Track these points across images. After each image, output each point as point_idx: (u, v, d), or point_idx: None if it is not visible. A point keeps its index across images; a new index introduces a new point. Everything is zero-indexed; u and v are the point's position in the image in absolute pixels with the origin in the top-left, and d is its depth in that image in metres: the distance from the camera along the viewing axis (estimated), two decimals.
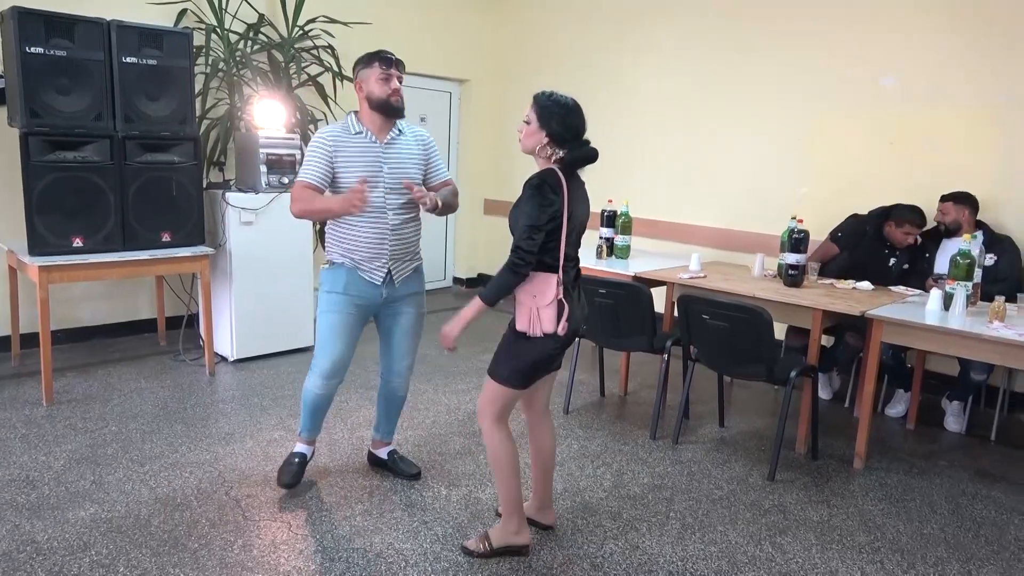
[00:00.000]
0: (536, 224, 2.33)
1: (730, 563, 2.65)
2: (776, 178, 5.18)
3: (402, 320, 2.99)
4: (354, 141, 2.79)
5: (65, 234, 3.86)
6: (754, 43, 5.20)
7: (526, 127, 2.43)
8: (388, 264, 2.85)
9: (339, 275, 2.84)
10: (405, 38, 6.30)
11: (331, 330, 2.86)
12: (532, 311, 2.42)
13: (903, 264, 4.25)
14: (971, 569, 2.69)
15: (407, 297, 2.97)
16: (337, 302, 2.84)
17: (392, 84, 2.78)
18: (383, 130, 2.84)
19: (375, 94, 2.77)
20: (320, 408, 3.01)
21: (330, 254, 2.88)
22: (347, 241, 2.82)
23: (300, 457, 3.07)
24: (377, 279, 2.85)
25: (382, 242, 2.81)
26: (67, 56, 3.77)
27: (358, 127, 2.82)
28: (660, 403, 3.80)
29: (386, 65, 2.78)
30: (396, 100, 2.79)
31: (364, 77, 2.80)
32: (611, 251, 4.60)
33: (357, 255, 2.81)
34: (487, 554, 2.59)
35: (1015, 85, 4.19)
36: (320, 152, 2.75)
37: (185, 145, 4.24)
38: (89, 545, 2.57)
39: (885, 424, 4.14)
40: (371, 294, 2.86)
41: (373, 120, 2.82)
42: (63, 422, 3.61)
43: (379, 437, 3.24)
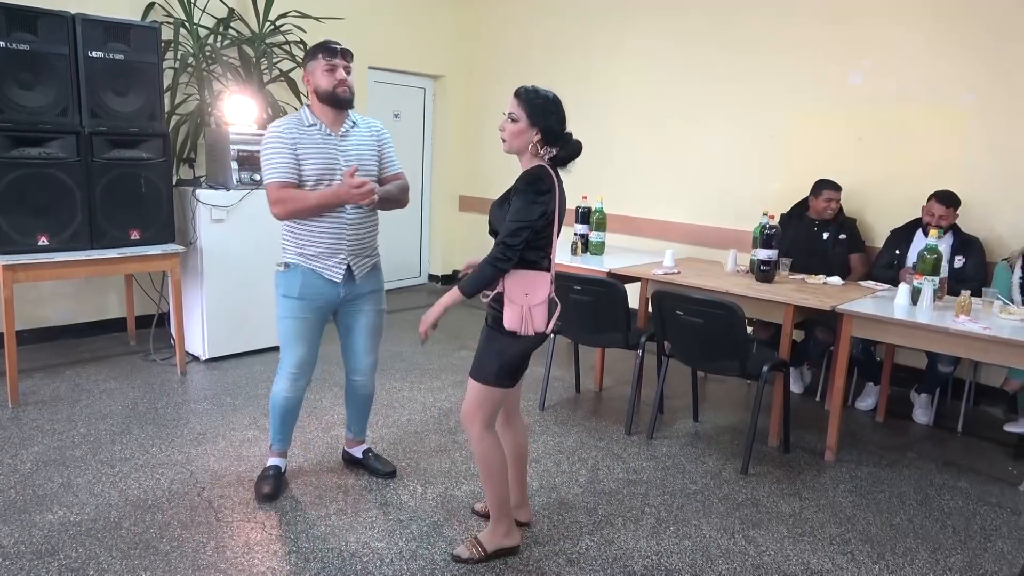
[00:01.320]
0: (527, 222, 2.28)
1: (704, 556, 2.67)
2: (748, 174, 5.23)
3: (362, 318, 2.95)
4: (309, 134, 2.73)
5: (30, 232, 3.77)
6: (725, 40, 5.24)
7: (512, 125, 2.34)
8: (347, 259, 2.80)
9: (294, 278, 2.77)
10: (378, 33, 6.27)
11: (291, 334, 2.81)
12: (524, 310, 2.36)
13: (839, 235, 4.41)
14: (939, 558, 2.74)
15: (367, 295, 2.93)
16: (294, 307, 2.78)
17: (338, 75, 2.72)
18: (336, 122, 2.79)
19: (322, 86, 2.72)
20: (290, 412, 2.95)
21: (285, 254, 2.81)
22: (303, 237, 2.75)
23: (275, 470, 3.01)
24: (336, 276, 2.79)
25: (340, 237, 2.77)
26: (30, 50, 3.68)
27: (312, 119, 2.76)
28: (635, 399, 3.83)
29: (330, 56, 2.72)
30: (343, 91, 2.74)
31: (310, 70, 2.75)
32: (586, 247, 4.62)
33: (314, 251, 2.75)
34: (482, 559, 2.55)
35: (980, 85, 4.27)
36: (282, 146, 2.68)
37: (154, 141, 4.17)
38: (57, 549, 2.53)
39: (855, 417, 4.21)
40: (329, 293, 2.81)
41: (325, 113, 2.77)
42: (30, 424, 3.54)
43: (352, 436, 3.22)
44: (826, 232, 4.43)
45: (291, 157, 2.68)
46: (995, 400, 4.30)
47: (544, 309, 2.39)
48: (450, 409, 3.97)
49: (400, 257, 7.04)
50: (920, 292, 3.40)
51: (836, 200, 4.40)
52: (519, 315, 2.36)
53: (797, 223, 4.53)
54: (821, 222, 4.45)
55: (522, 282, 2.36)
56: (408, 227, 7.10)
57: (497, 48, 6.76)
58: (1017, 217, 4.18)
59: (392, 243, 6.89)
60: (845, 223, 4.47)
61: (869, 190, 4.61)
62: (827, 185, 4.41)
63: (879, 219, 4.59)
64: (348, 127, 2.83)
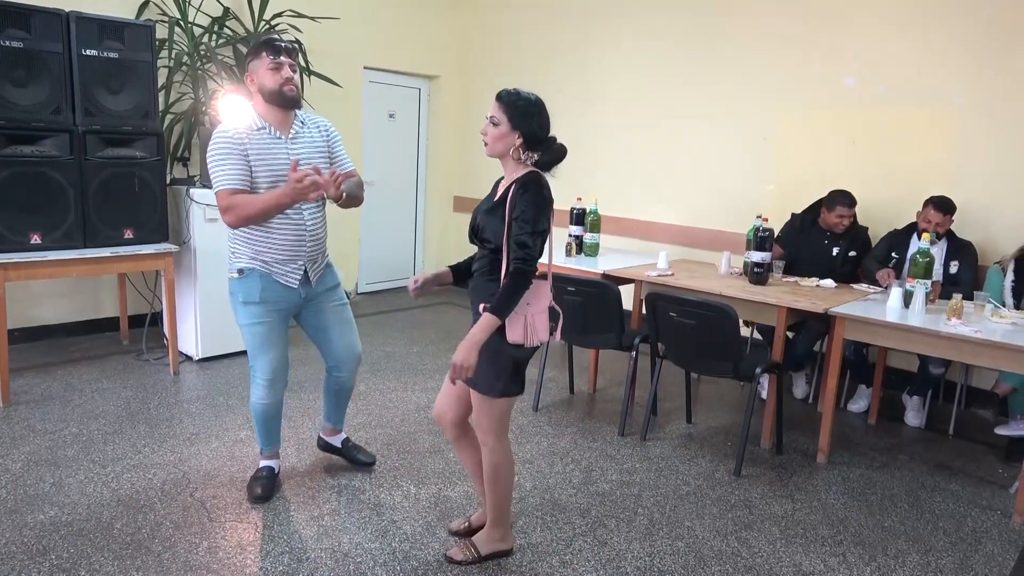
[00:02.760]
0: (540, 227, 2.24)
1: (697, 558, 2.68)
2: (741, 176, 5.24)
3: (328, 315, 2.92)
4: (259, 137, 2.64)
5: (23, 230, 3.76)
6: (719, 41, 5.26)
7: (494, 129, 2.30)
8: (304, 265, 2.77)
9: (252, 283, 2.71)
10: (373, 34, 6.26)
11: (260, 340, 2.76)
12: (528, 319, 2.30)
13: (848, 251, 4.34)
14: (930, 560, 2.75)
15: (325, 292, 2.90)
16: (257, 312, 2.73)
17: (283, 73, 2.63)
18: (284, 124, 2.71)
19: (267, 85, 2.63)
20: (272, 417, 2.92)
21: (237, 260, 2.73)
22: (259, 243, 2.68)
23: (268, 471, 3.00)
24: (293, 282, 2.75)
25: (300, 243, 2.72)
26: (24, 47, 3.67)
27: (260, 122, 2.67)
28: (628, 400, 3.83)
29: (274, 53, 2.62)
30: (289, 90, 2.65)
31: (253, 68, 2.65)
32: (580, 249, 4.62)
33: (271, 257, 2.70)
34: (475, 561, 2.55)
35: (972, 87, 4.30)
36: (233, 152, 2.58)
37: (148, 140, 4.16)
38: (49, 549, 2.52)
39: (847, 419, 4.23)
40: (288, 297, 2.78)
41: (272, 113, 2.67)
42: (21, 423, 3.52)
43: (331, 425, 3.21)
44: (836, 247, 4.32)
45: (243, 163, 2.59)
46: (986, 403, 4.32)
47: (546, 317, 2.36)
48: None
49: (394, 257, 7.03)
50: (912, 295, 3.42)
51: (848, 217, 4.26)
52: (523, 325, 2.30)
53: (809, 231, 4.40)
54: (832, 235, 4.34)
55: None
56: (402, 227, 7.10)
57: (492, 49, 6.76)
58: (1010, 220, 4.21)
59: (386, 243, 6.90)
60: (857, 236, 4.34)
61: (863, 192, 4.62)
62: (841, 200, 4.24)
63: (873, 222, 4.60)
64: (297, 128, 2.75)
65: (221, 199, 2.59)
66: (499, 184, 2.45)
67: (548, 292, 2.39)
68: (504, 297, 2.22)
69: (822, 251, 4.36)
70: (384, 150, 6.69)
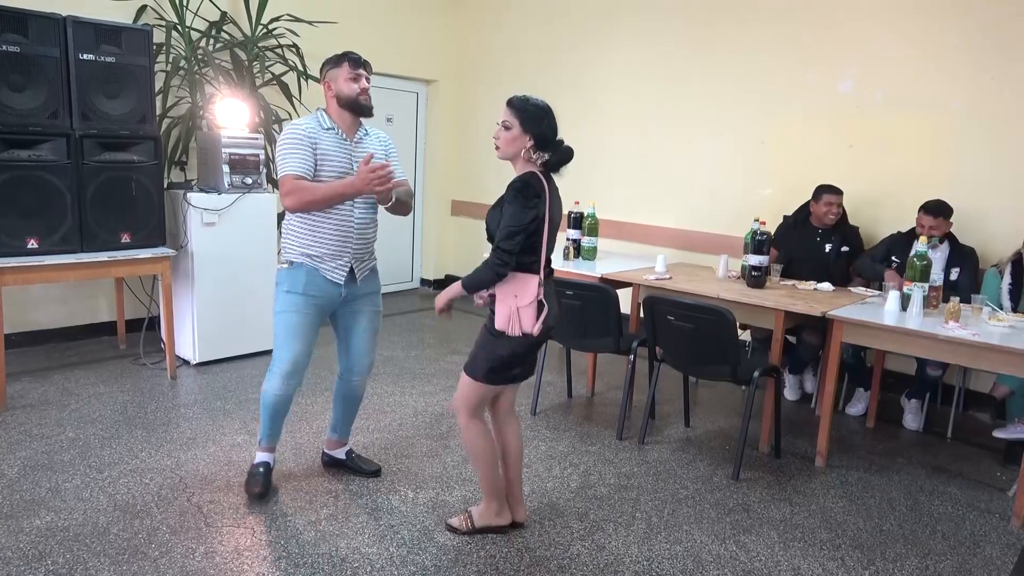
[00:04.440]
0: (519, 226, 2.38)
1: (695, 562, 2.67)
2: (739, 180, 5.25)
3: (361, 319, 2.99)
4: (327, 136, 2.80)
5: (20, 235, 3.75)
6: (716, 46, 5.27)
7: (506, 133, 2.45)
8: (351, 262, 2.85)
9: (298, 275, 2.81)
10: (371, 38, 6.26)
11: (290, 330, 2.83)
12: (512, 310, 2.46)
13: (841, 247, 4.36)
14: (928, 564, 2.75)
15: (366, 296, 2.98)
16: (296, 302, 2.81)
17: (361, 83, 2.82)
18: (352, 128, 2.88)
19: (344, 93, 2.81)
20: (280, 411, 2.96)
21: (288, 253, 2.85)
22: (309, 238, 2.79)
23: (264, 466, 3.01)
24: (339, 278, 2.84)
25: (347, 240, 2.82)
26: (20, 52, 3.67)
27: (329, 123, 2.83)
28: (626, 404, 3.83)
29: (355, 65, 2.82)
30: (365, 99, 2.84)
31: (333, 76, 2.83)
32: (578, 252, 4.63)
33: (319, 252, 2.79)
34: (469, 531, 2.73)
35: (969, 93, 4.30)
36: (302, 142, 2.73)
37: (145, 144, 4.15)
38: (45, 555, 2.50)
39: (845, 423, 4.22)
40: (331, 293, 2.85)
41: (343, 118, 2.85)
42: (17, 428, 3.51)
43: (337, 437, 3.22)
44: (828, 244, 4.37)
45: (310, 154, 2.74)
46: (984, 406, 4.32)
47: (532, 311, 2.48)
48: (441, 413, 3.96)
49: (392, 261, 7.02)
50: (910, 298, 3.42)
51: (836, 204, 4.32)
52: (507, 316, 2.47)
53: (800, 230, 4.47)
54: (824, 232, 4.39)
55: (512, 284, 2.47)
56: (400, 231, 7.09)
57: (489, 53, 6.77)
58: (1007, 224, 4.21)
59: (384, 247, 6.83)
60: (848, 233, 4.40)
61: (861, 196, 4.63)
62: (826, 189, 4.35)
63: (871, 225, 4.61)
64: (361, 134, 2.92)
65: (286, 183, 2.70)
66: None
67: (536, 288, 2.48)
68: (474, 274, 2.47)
69: (814, 248, 4.40)
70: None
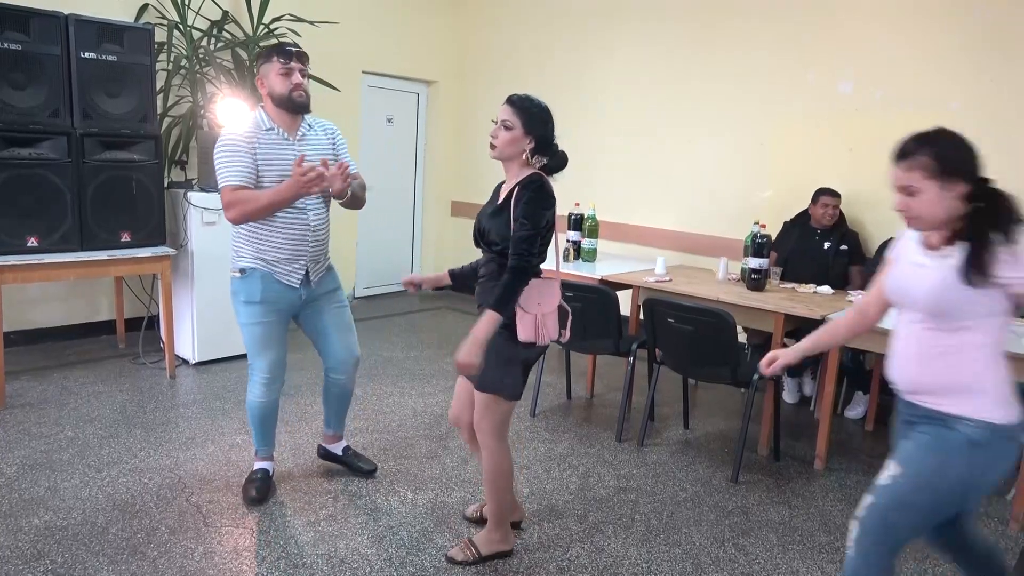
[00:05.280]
0: (538, 229, 2.30)
1: (694, 565, 2.67)
2: (738, 182, 5.25)
3: (327, 316, 2.93)
4: (268, 138, 2.68)
5: (19, 233, 3.75)
6: (715, 47, 5.27)
7: (505, 132, 2.35)
8: (306, 265, 2.79)
9: (254, 283, 2.73)
10: (372, 39, 6.27)
11: (259, 340, 2.79)
12: (538, 319, 2.36)
13: (840, 245, 4.40)
14: (927, 568, 2.75)
15: (325, 295, 2.92)
16: (257, 312, 2.75)
17: (294, 79, 2.68)
18: (292, 127, 2.76)
19: (276, 90, 2.68)
20: (268, 418, 2.94)
21: (240, 259, 2.75)
22: (262, 242, 2.71)
23: (263, 473, 2.99)
24: (295, 281, 2.78)
25: (303, 243, 2.75)
26: (22, 50, 3.67)
27: (269, 123, 2.71)
28: (626, 406, 3.83)
29: (285, 58, 2.66)
30: (299, 95, 2.70)
31: (264, 72, 2.70)
32: (578, 254, 4.63)
33: (273, 256, 2.72)
34: (475, 561, 2.57)
35: (967, 93, 4.31)
36: (241, 150, 2.61)
37: (146, 143, 4.15)
38: (44, 554, 2.50)
39: (845, 425, 4.23)
40: (289, 297, 2.80)
41: (281, 117, 2.72)
42: (16, 427, 3.50)
43: (332, 432, 3.20)
44: (827, 242, 4.41)
45: (250, 161, 2.63)
46: None
47: (555, 317, 2.42)
48: (440, 415, 3.96)
49: (391, 261, 7.02)
50: None
51: (833, 206, 4.38)
52: (533, 324, 2.35)
53: (800, 231, 4.52)
54: (823, 232, 4.44)
55: (534, 291, 2.36)
56: (400, 231, 7.09)
57: (489, 54, 6.77)
58: None
59: (384, 247, 6.89)
60: (848, 235, 4.45)
61: (861, 198, 4.63)
62: (824, 191, 4.41)
63: (872, 228, 4.61)
64: (304, 131, 2.79)
65: (224, 195, 2.62)
66: (501, 188, 2.49)
67: (557, 292, 2.44)
68: (504, 293, 2.27)
69: (814, 247, 4.43)
70: (382, 155, 6.69)
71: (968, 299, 1.75)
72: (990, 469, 1.82)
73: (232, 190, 2.60)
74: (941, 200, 1.80)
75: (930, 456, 1.83)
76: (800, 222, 4.55)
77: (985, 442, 1.78)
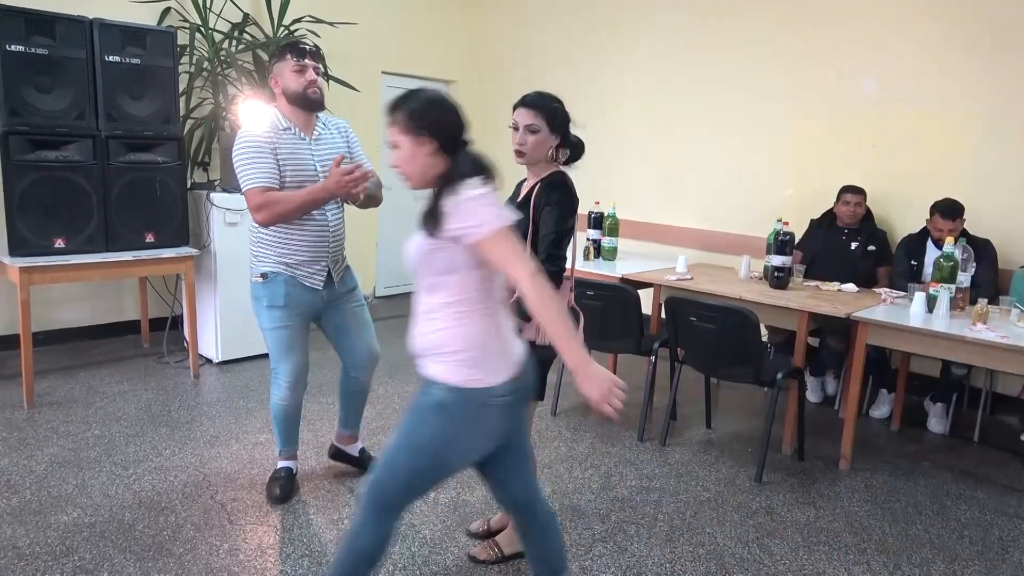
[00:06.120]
0: (563, 229, 2.29)
1: (718, 565, 2.65)
2: (760, 180, 5.20)
3: (348, 316, 2.93)
4: (286, 137, 2.67)
5: (46, 235, 3.80)
6: (736, 45, 5.22)
7: (532, 137, 2.32)
8: (328, 266, 2.79)
9: (277, 287, 2.72)
10: (391, 39, 6.29)
11: (283, 343, 2.79)
12: None
13: (867, 246, 4.33)
14: (956, 569, 2.71)
15: (347, 293, 2.92)
16: (281, 316, 2.75)
17: (307, 75, 2.66)
18: (308, 125, 2.74)
19: (291, 87, 2.66)
20: (292, 418, 2.95)
21: (261, 263, 2.74)
22: (283, 246, 2.70)
23: (286, 471, 3.01)
24: (318, 284, 2.77)
25: (323, 243, 2.75)
26: (48, 54, 3.72)
27: (285, 123, 2.69)
28: (647, 405, 3.81)
29: (299, 56, 2.65)
30: (313, 92, 2.67)
31: (278, 71, 2.68)
32: (598, 253, 4.61)
33: (295, 259, 2.71)
34: (498, 560, 2.59)
35: (995, 90, 4.24)
36: (262, 150, 2.60)
37: (169, 145, 4.19)
38: (72, 550, 2.54)
39: (870, 425, 4.17)
40: (312, 300, 2.79)
41: (296, 115, 2.70)
42: (45, 425, 3.56)
43: (347, 432, 3.20)
44: (855, 242, 4.35)
45: (273, 162, 2.61)
46: (1012, 409, 4.26)
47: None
48: None
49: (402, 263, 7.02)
50: (936, 300, 3.37)
51: (857, 204, 4.32)
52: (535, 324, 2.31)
53: (826, 230, 4.46)
54: (849, 231, 4.38)
55: None
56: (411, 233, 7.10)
57: (508, 53, 6.76)
58: None
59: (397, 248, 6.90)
60: (875, 234, 4.38)
61: (885, 196, 4.58)
62: (846, 189, 4.37)
63: (895, 225, 4.56)
64: (320, 130, 2.79)
65: (253, 197, 2.59)
66: (522, 185, 2.49)
67: (568, 292, 2.42)
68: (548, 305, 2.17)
69: (841, 246, 4.38)
70: None
71: (434, 255, 1.77)
72: (463, 434, 1.81)
73: (260, 192, 2.58)
74: (415, 155, 1.82)
75: (410, 418, 1.86)
76: (826, 221, 4.50)
77: (453, 405, 1.78)
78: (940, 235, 3.89)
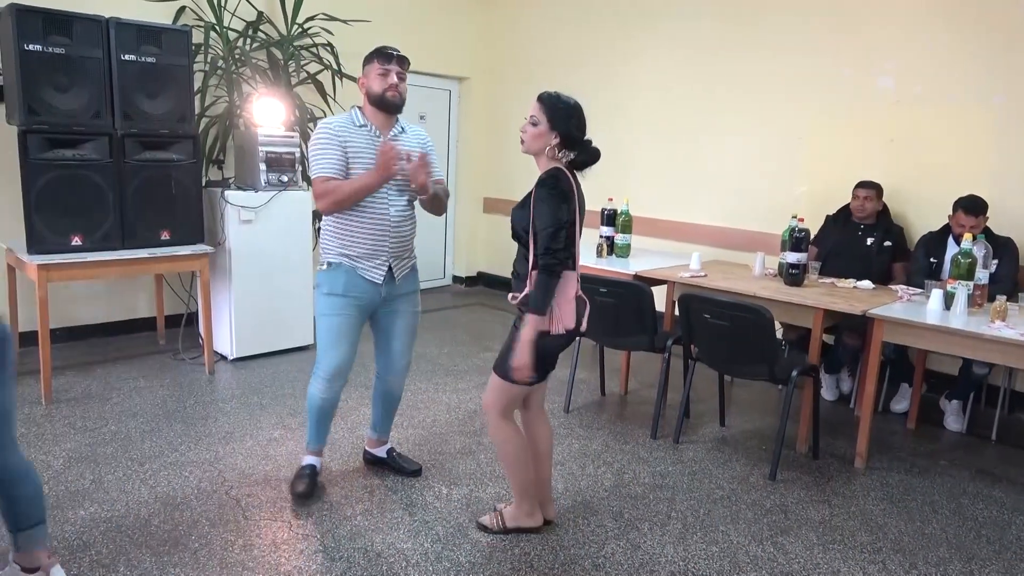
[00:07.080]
0: (559, 223, 2.35)
1: (732, 563, 2.64)
2: (774, 177, 5.17)
3: (399, 320, 2.98)
4: (359, 134, 2.79)
5: (64, 232, 3.84)
6: (752, 42, 5.19)
7: (532, 128, 2.44)
8: (389, 261, 2.84)
9: (338, 276, 2.81)
10: (404, 35, 6.26)
11: (333, 333, 2.83)
12: (553, 309, 2.44)
13: (883, 241, 4.30)
14: (973, 569, 2.68)
15: (405, 296, 2.97)
16: (338, 304, 2.81)
17: (390, 80, 2.78)
18: (386, 126, 2.86)
19: (373, 89, 2.79)
20: (327, 413, 2.97)
21: (327, 254, 2.85)
22: (346, 238, 2.79)
23: (311, 469, 3.02)
24: (378, 278, 2.83)
25: (383, 239, 2.81)
26: (65, 53, 3.75)
27: (362, 120, 2.82)
28: (661, 402, 3.80)
29: (384, 60, 2.79)
30: (392, 96, 2.79)
31: (365, 73, 2.83)
32: (611, 250, 4.59)
33: (356, 252, 2.79)
34: (500, 531, 2.72)
35: (1012, 86, 4.18)
36: (332, 142, 2.74)
37: (184, 143, 4.22)
38: (89, 545, 2.56)
39: (886, 423, 4.14)
40: (371, 293, 2.85)
41: (375, 116, 2.83)
42: (62, 421, 3.59)
43: (376, 436, 3.23)
44: (870, 238, 4.32)
45: (340, 154, 2.74)
46: None
47: (572, 307, 2.48)
48: (475, 411, 3.97)
49: (424, 259, 7.01)
50: (954, 297, 3.34)
51: (869, 198, 4.29)
52: (549, 314, 2.43)
53: (842, 227, 4.43)
54: (866, 227, 4.34)
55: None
56: (433, 228, 7.12)
57: (521, 50, 6.75)
58: None
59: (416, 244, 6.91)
60: (892, 230, 4.35)
61: (900, 193, 4.53)
62: (860, 184, 4.34)
63: (912, 221, 4.51)
64: (396, 132, 2.89)
65: (317, 185, 2.73)
66: None
67: (573, 283, 2.49)
68: (537, 293, 2.38)
69: (857, 242, 4.34)
70: None
71: None
72: None
73: (323, 181, 2.71)
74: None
75: None
76: (842, 217, 4.46)
77: None
78: (961, 231, 3.83)
